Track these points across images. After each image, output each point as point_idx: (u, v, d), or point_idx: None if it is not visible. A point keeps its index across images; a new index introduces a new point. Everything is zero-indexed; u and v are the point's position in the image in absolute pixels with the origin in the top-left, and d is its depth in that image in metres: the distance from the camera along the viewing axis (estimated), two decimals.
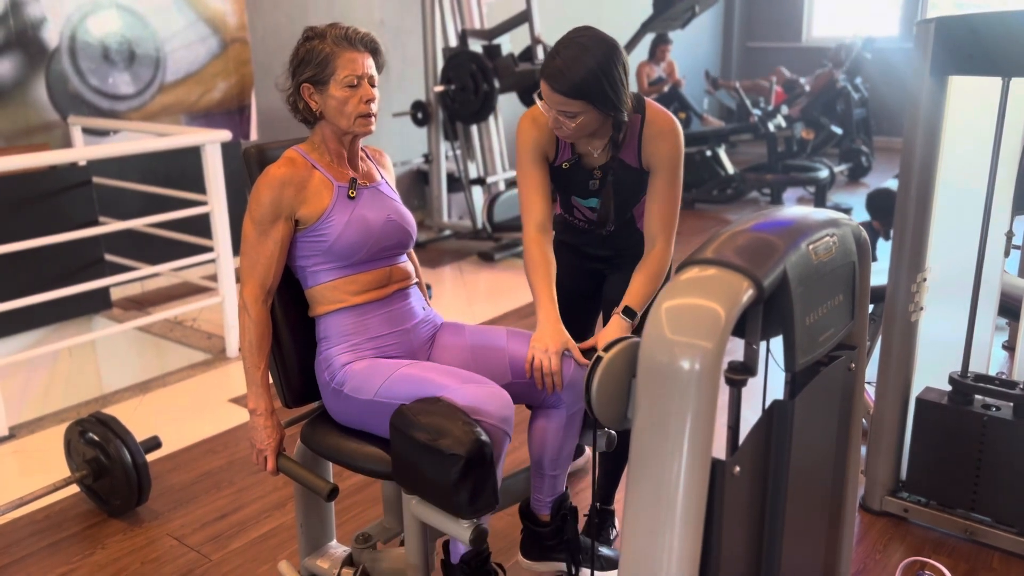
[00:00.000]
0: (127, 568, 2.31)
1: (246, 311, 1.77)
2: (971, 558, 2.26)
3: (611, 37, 1.78)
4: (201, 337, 4.07)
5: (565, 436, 1.87)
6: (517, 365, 1.83)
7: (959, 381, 2.30)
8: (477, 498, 1.58)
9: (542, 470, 1.92)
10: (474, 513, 1.59)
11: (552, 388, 1.78)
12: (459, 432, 1.55)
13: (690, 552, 1.15)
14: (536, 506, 1.98)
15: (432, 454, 1.56)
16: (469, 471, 1.54)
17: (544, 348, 1.77)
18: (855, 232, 1.41)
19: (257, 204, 1.75)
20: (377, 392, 1.72)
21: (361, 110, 1.76)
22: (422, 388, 1.68)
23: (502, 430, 1.63)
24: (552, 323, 1.81)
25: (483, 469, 1.56)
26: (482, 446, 1.55)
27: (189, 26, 4.80)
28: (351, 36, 1.75)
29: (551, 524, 1.97)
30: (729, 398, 1.26)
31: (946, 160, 2.28)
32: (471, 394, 1.63)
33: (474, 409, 1.61)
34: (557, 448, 1.88)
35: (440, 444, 1.55)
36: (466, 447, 1.53)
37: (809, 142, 7.28)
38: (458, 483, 1.55)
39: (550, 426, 1.87)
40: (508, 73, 5.13)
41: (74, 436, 2.57)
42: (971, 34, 2.09)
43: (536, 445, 1.89)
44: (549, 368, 1.75)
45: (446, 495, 1.58)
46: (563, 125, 1.80)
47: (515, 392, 1.84)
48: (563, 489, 1.97)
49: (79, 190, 4.16)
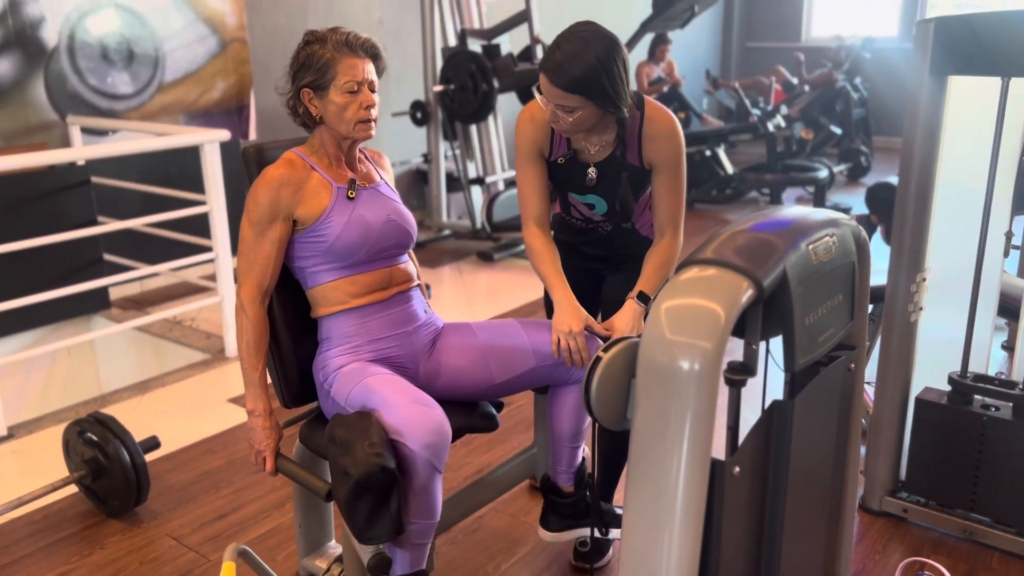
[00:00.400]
0: (126, 568, 2.30)
1: (243, 311, 1.77)
2: (970, 558, 2.26)
3: (612, 33, 1.78)
4: (200, 337, 4.07)
5: (582, 410, 1.96)
6: (541, 350, 1.89)
7: (958, 381, 2.30)
8: (373, 524, 1.56)
9: (563, 443, 2.01)
10: (369, 540, 1.58)
11: (581, 364, 1.85)
12: (360, 453, 1.52)
13: (690, 552, 1.14)
14: (558, 478, 2.07)
15: (335, 469, 1.56)
16: (362, 494, 1.52)
17: (567, 329, 1.84)
18: (855, 232, 1.41)
19: (255, 205, 1.74)
20: (346, 399, 1.74)
21: (361, 116, 1.76)
22: (369, 400, 1.69)
23: (423, 457, 1.60)
24: (570, 303, 1.88)
25: (381, 495, 1.53)
26: (380, 471, 1.51)
27: (188, 26, 4.80)
28: (352, 42, 1.75)
29: (575, 493, 2.07)
30: (729, 398, 1.26)
31: (945, 160, 2.28)
32: (400, 415, 1.61)
33: (396, 430, 1.59)
34: (578, 422, 1.98)
35: (339, 460, 1.54)
36: (359, 470, 1.51)
37: (808, 142, 7.28)
38: (351, 505, 1.53)
39: (568, 400, 1.96)
40: (507, 73, 5.13)
41: (72, 436, 2.56)
42: (970, 34, 2.09)
43: (557, 420, 1.98)
44: (576, 347, 1.83)
45: (345, 513, 1.56)
46: (561, 119, 1.81)
47: (540, 375, 1.91)
48: (581, 460, 2.07)
49: (78, 190, 4.16)
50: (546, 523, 2.11)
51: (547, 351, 1.89)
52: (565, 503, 2.08)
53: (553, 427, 2.00)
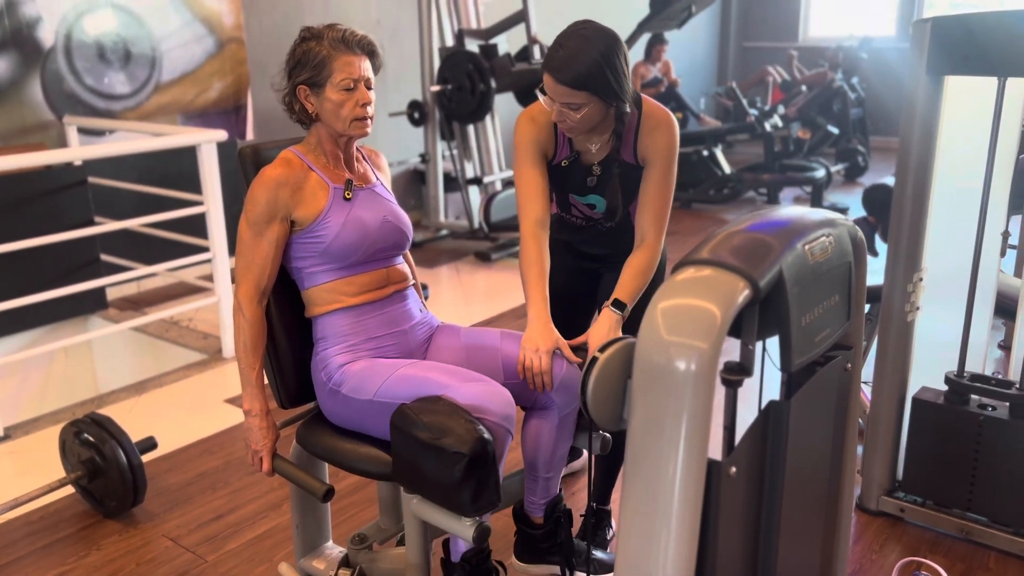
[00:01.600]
0: (122, 569, 2.30)
1: (241, 312, 1.77)
2: (967, 558, 2.26)
3: (611, 29, 1.79)
4: (197, 337, 4.07)
5: (558, 438, 1.87)
6: (510, 366, 1.84)
7: (955, 381, 2.31)
8: (480, 496, 1.58)
9: (536, 472, 1.91)
10: (477, 511, 1.60)
11: (542, 387, 1.78)
12: (462, 430, 1.55)
13: (686, 553, 1.14)
14: (530, 508, 1.97)
15: (435, 453, 1.56)
16: (472, 469, 1.54)
17: (535, 348, 1.78)
18: (851, 232, 1.41)
19: (253, 205, 1.74)
20: (377, 392, 1.72)
21: (357, 113, 1.76)
22: (423, 387, 1.68)
23: (504, 428, 1.63)
24: (542, 323, 1.82)
25: (486, 467, 1.56)
26: (485, 444, 1.55)
27: (185, 26, 4.80)
28: (348, 39, 1.74)
29: (544, 527, 1.97)
30: (725, 399, 1.26)
31: (942, 160, 2.28)
32: (472, 392, 1.63)
33: (476, 407, 1.61)
34: (550, 450, 1.88)
35: (443, 443, 1.55)
36: (469, 445, 1.53)
37: (806, 142, 7.28)
38: (461, 481, 1.55)
39: (543, 428, 1.86)
40: (505, 73, 5.13)
41: (69, 437, 2.56)
42: (967, 34, 2.09)
43: (529, 447, 1.89)
44: (539, 367, 1.76)
45: (449, 493, 1.58)
46: (567, 117, 1.80)
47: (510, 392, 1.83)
48: (557, 491, 1.96)
49: (75, 190, 4.15)
50: (517, 553, 2.04)
51: (514, 368, 1.83)
52: (536, 535, 1.98)
53: (525, 455, 1.90)
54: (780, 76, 8.29)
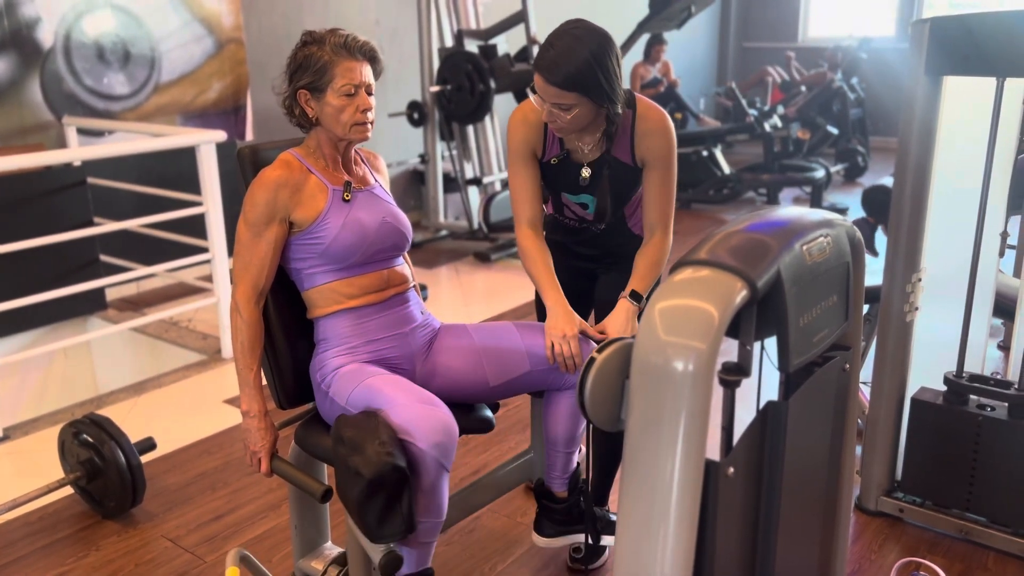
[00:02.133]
0: (121, 570, 2.30)
1: (238, 312, 1.77)
2: (966, 558, 2.26)
3: (603, 29, 1.78)
4: (196, 338, 4.07)
5: (579, 415, 1.95)
6: (535, 355, 1.88)
7: (954, 381, 2.31)
8: (385, 523, 1.56)
9: (557, 448, 2.00)
10: (381, 538, 1.58)
11: (575, 369, 1.83)
12: (371, 451, 1.52)
13: (684, 553, 1.14)
14: (552, 483, 2.07)
15: (345, 469, 1.55)
16: (374, 493, 1.52)
17: (561, 334, 1.82)
18: (849, 233, 1.41)
19: (252, 206, 1.74)
20: (348, 399, 1.74)
21: (357, 119, 1.76)
22: (373, 400, 1.68)
23: (432, 456, 1.60)
24: (563, 308, 1.87)
25: (392, 494, 1.53)
26: (392, 471, 1.51)
27: (184, 26, 4.80)
28: (350, 44, 1.74)
29: (568, 499, 2.06)
30: (723, 399, 1.26)
31: (941, 160, 2.28)
32: (408, 415, 1.61)
33: (404, 429, 1.59)
34: (572, 427, 1.97)
35: (350, 460, 1.53)
36: (372, 468, 1.50)
37: (805, 142, 7.28)
38: (363, 504, 1.53)
39: (562, 406, 1.95)
40: (504, 73, 5.13)
41: (68, 437, 2.56)
42: (966, 34, 2.09)
43: (552, 425, 1.97)
44: (570, 351, 1.81)
45: (355, 513, 1.56)
46: (558, 118, 1.80)
47: (534, 380, 1.90)
48: (575, 466, 2.06)
49: (74, 190, 4.15)
50: (540, 528, 2.11)
51: (542, 355, 1.88)
52: (559, 509, 2.08)
53: (548, 432, 2.00)
54: (780, 76, 8.29)
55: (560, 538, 2.10)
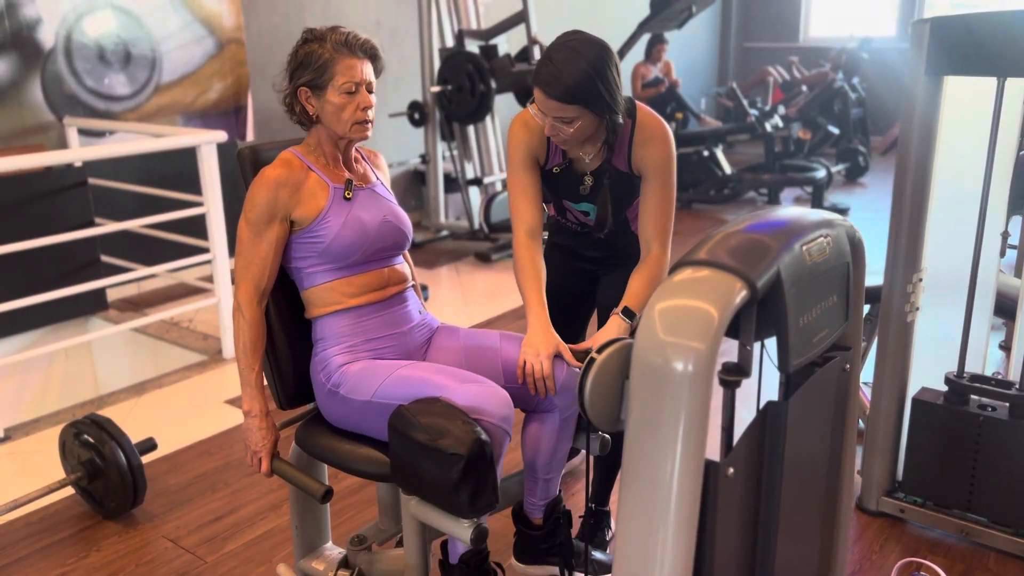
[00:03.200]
0: (122, 570, 2.30)
1: (240, 312, 1.77)
2: (967, 558, 2.26)
3: (601, 39, 1.76)
4: (197, 338, 4.07)
5: (558, 440, 1.87)
6: (509, 368, 1.83)
7: (955, 381, 2.30)
8: (478, 498, 1.57)
9: (535, 474, 1.92)
10: (475, 513, 1.59)
11: (544, 392, 1.77)
12: (459, 432, 1.55)
13: (684, 554, 1.14)
14: (529, 509, 1.97)
15: (432, 454, 1.56)
16: (470, 471, 1.54)
17: (535, 352, 1.77)
18: (849, 232, 1.41)
19: (252, 205, 1.74)
20: (375, 393, 1.71)
21: (358, 117, 1.76)
22: (421, 389, 1.67)
23: (502, 429, 1.63)
24: (543, 327, 1.81)
25: (483, 468, 1.56)
26: (483, 445, 1.54)
27: (185, 27, 4.80)
28: (351, 42, 1.74)
29: (544, 528, 1.97)
30: (723, 399, 1.26)
31: (942, 160, 2.28)
32: (470, 393, 1.63)
33: (473, 408, 1.61)
34: (550, 452, 1.88)
35: (440, 444, 1.54)
36: (467, 447, 1.53)
37: (806, 142, 7.28)
38: (459, 483, 1.54)
39: (544, 430, 1.87)
40: (505, 73, 5.13)
41: (69, 438, 2.56)
42: (967, 34, 2.09)
43: (529, 449, 1.89)
44: (541, 372, 1.75)
45: (447, 495, 1.58)
46: (560, 131, 1.78)
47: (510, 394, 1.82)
48: (556, 493, 1.97)
49: (75, 191, 4.16)
50: (517, 554, 2.04)
51: (514, 372, 1.82)
52: (535, 536, 1.98)
53: (525, 456, 1.91)
54: (781, 76, 8.29)
55: (537, 567, 2.03)
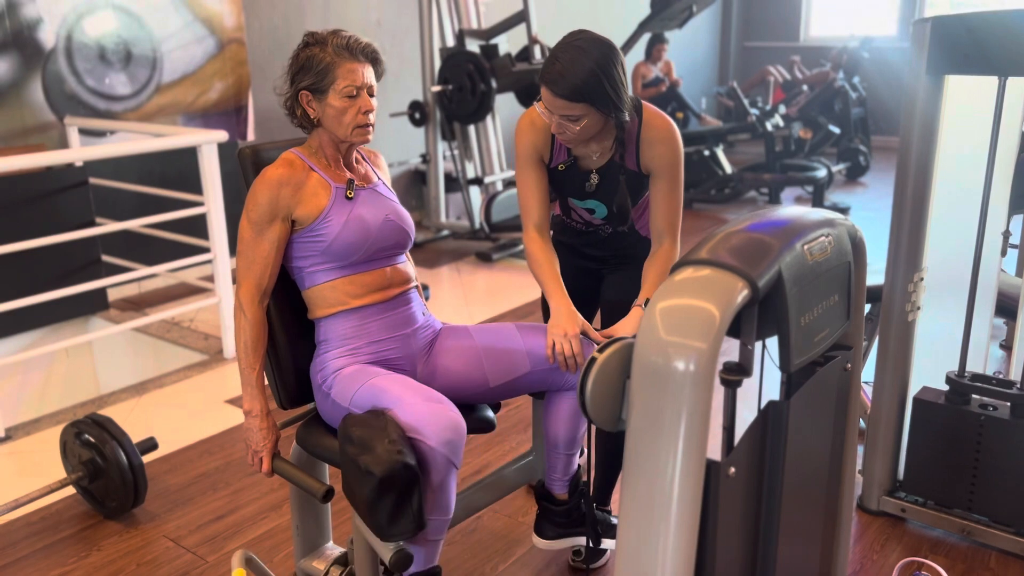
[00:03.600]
0: (123, 570, 2.30)
1: (242, 312, 1.77)
2: (968, 558, 2.26)
3: (607, 38, 1.78)
4: (198, 338, 4.07)
5: (580, 417, 1.95)
6: (535, 355, 1.87)
7: (956, 381, 2.30)
8: (396, 521, 1.56)
9: (558, 450, 2.00)
10: (392, 536, 1.58)
11: (575, 368, 1.83)
12: (381, 450, 1.52)
13: (685, 553, 1.14)
14: (553, 485, 2.06)
15: (355, 468, 1.54)
16: (385, 492, 1.51)
17: (563, 333, 1.82)
18: (851, 232, 1.41)
19: (254, 204, 1.75)
20: (351, 400, 1.73)
21: (359, 120, 1.76)
22: (378, 399, 1.68)
23: (441, 453, 1.60)
24: (567, 308, 1.86)
25: (403, 493, 1.53)
26: (402, 469, 1.51)
27: (185, 26, 4.80)
28: (352, 46, 1.74)
29: (569, 501, 2.06)
30: (724, 399, 1.26)
31: (943, 159, 2.28)
32: (415, 412, 1.61)
33: (412, 427, 1.59)
34: (573, 428, 1.96)
35: (361, 459, 1.53)
36: (383, 467, 1.50)
37: (807, 141, 7.28)
38: (373, 503, 1.53)
39: (564, 407, 1.95)
40: (505, 73, 5.13)
41: (70, 437, 2.56)
42: (967, 33, 2.09)
43: (552, 427, 1.97)
44: (571, 351, 1.81)
45: (366, 513, 1.56)
46: (566, 129, 1.80)
47: (535, 380, 1.89)
48: (576, 468, 2.05)
49: (76, 191, 4.16)
50: (540, 530, 2.10)
51: (542, 355, 1.87)
52: (559, 511, 2.07)
53: (548, 434, 1.99)
54: (781, 76, 8.28)
55: (560, 540, 2.10)
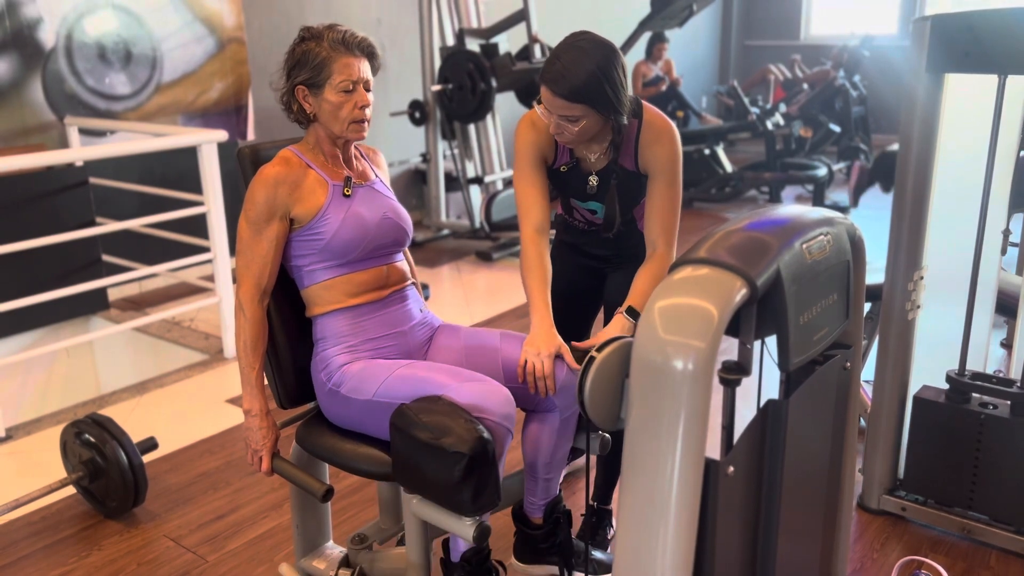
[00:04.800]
0: (123, 569, 2.30)
1: (242, 311, 1.77)
2: (968, 557, 2.26)
3: (609, 40, 1.78)
4: (198, 337, 4.07)
5: (559, 440, 1.87)
6: (510, 367, 1.83)
7: (956, 379, 2.30)
8: (480, 495, 1.58)
9: (536, 473, 1.91)
10: (477, 511, 1.60)
11: (545, 392, 1.76)
12: (462, 430, 1.55)
13: (684, 552, 1.14)
14: (529, 509, 1.97)
15: (435, 452, 1.56)
16: (473, 469, 1.54)
17: (536, 351, 1.76)
18: (850, 231, 1.41)
19: (252, 203, 1.74)
20: (376, 393, 1.72)
21: (355, 115, 1.76)
22: (422, 387, 1.68)
23: (504, 427, 1.63)
24: (545, 327, 1.80)
25: (486, 467, 1.56)
26: (485, 444, 1.55)
27: (185, 26, 4.80)
28: (348, 40, 1.74)
29: (544, 527, 1.97)
30: (723, 398, 1.26)
31: (943, 158, 2.28)
32: (472, 392, 1.63)
33: (475, 407, 1.61)
34: (551, 452, 1.88)
35: (443, 443, 1.55)
36: (469, 445, 1.53)
37: (807, 140, 7.27)
38: (462, 481, 1.55)
39: (544, 430, 1.86)
40: (505, 72, 5.13)
41: (70, 437, 2.56)
42: (967, 31, 2.08)
43: (530, 448, 1.89)
44: (541, 371, 1.74)
45: (449, 493, 1.58)
46: (565, 130, 1.79)
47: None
48: (556, 492, 1.96)
49: (76, 190, 4.16)
50: (517, 553, 2.04)
51: (514, 371, 1.82)
52: (535, 535, 1.98)
53: (525, 455, 1.91)
54: (781, 74, 8.28)
55: (537, 566, 2.03)
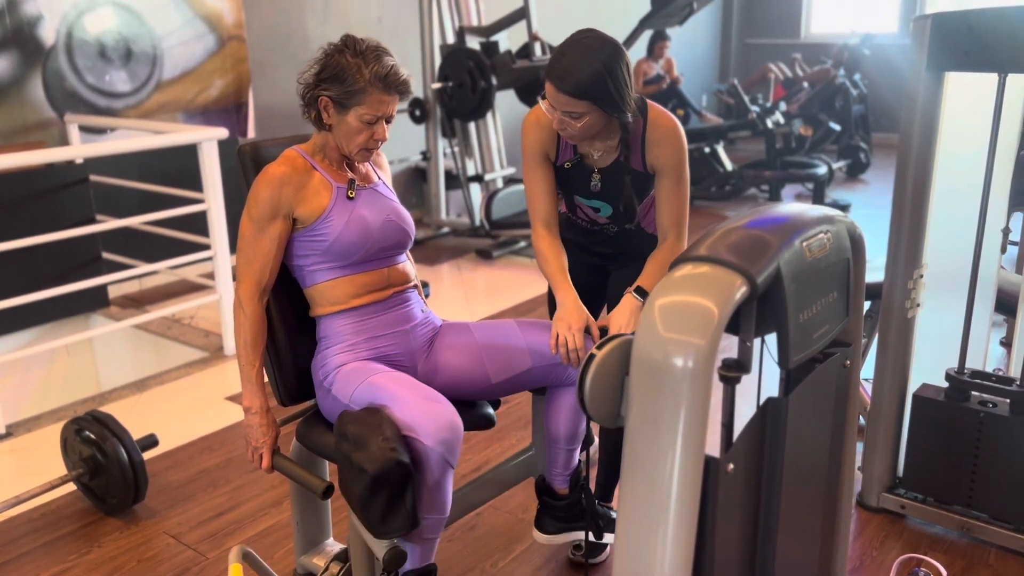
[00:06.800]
0: (123, 567, 2.31)
1: (241, 308, 1.78)
2: (968, 555, 2.26)
3: (614, 38, 1.79)
4: (198, 335, 4.07)
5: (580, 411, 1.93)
6: (537, 351, 1.88)
7: (956, 378, 2.30)
8: (389, 519, 1.56)
9: (559, 445, 2.00)
10: (385, 534, 1.58)
11: (577, 362, 1.83)
12: (375, 448, 1.52)
13: (683, 550, 1.14)
14: (553, 480, 2.07)
15: (348, 464, 1.55)
16: (378, 489, 1.52)
17: (567, 326, 1.83)
18: (850, 229, 1.41)
19: (255, 202, 1.75)
20: (351, 397, 1.74)
21: (369, 145, 1.78)
22: (376, 396, 1.68)
23: (437, 452, 1.60)
24: (573, 302, 1.88)
25: (394, 490, 1.53)
26: (396, 467, 1.52)
27: (186, 23, 4.80)
28: (391, 81, 1.73)
29: (569, 496, 2.06)
30: (723, 395, 1.26)
31: (942, 156, 2.28)
32: (414, 410, 1.61)
33: (408, 426, 1.59)
34: (574, 423, 1.97)
35: (355, 457, 1.53)
36: (376, 464, 1.50)
37: (808, 139, 7.27)
38: (366, 500, 1.53)
39: (564, 403, 1.95)
40: (506, 70, 5.12)
41: (70, 434, 2.56)
42: (968, 30, 2.08)
43: (553, 422, 1.97)
44: (573, 343, 1.82)
45: (359, 510, 1.56)
46: (568, 126, 1.81)
47: (536, 376, 1.90)
48: (577, 463, 2.06)
49: (76, 188, 4.16)
50: (541, 525, 2.11)
51: (543, 351, 1.88)
52: (560, 506, 2.07)
53: (549, 429, 2.00)
54: (782, 73, 8.27)
55: (561, 535, 2.10)
